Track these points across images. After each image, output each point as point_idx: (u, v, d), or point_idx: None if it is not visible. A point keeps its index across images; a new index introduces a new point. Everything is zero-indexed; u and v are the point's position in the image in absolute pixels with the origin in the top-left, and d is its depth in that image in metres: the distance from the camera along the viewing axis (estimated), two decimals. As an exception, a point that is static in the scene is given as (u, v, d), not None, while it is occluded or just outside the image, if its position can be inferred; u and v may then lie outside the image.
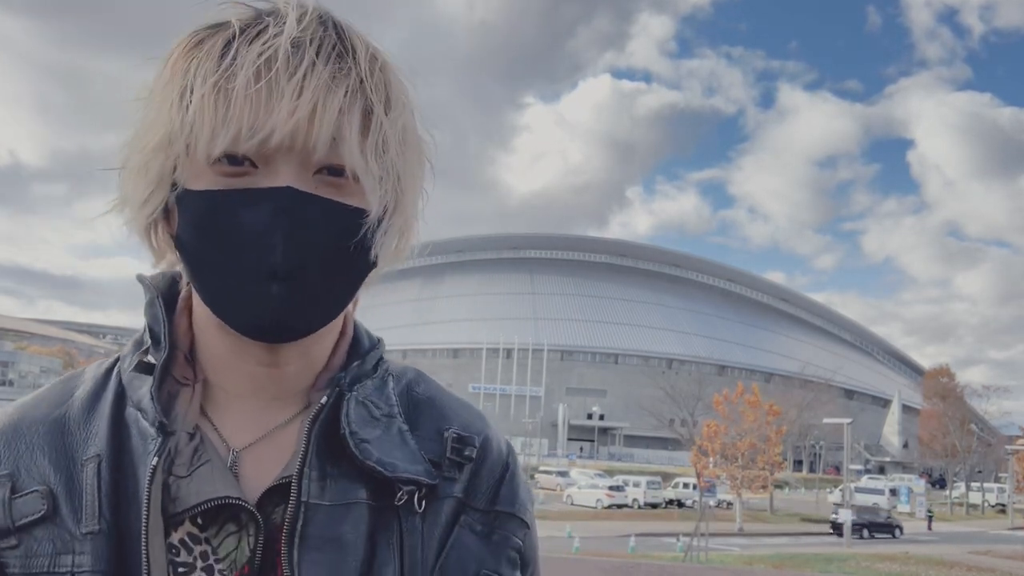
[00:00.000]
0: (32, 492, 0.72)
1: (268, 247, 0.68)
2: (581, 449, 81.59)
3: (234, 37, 0.69)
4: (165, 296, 0.80)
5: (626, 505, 38.84)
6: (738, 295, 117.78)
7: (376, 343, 0.85)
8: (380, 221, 0.73)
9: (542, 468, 50.39)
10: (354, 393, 0.78)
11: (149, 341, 0.78)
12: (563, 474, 47.19)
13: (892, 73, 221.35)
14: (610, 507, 37.24)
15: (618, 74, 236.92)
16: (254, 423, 0.78)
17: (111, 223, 0.77)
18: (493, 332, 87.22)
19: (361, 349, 0.83)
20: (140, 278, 0.81)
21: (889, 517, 36.72)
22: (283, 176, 0.68)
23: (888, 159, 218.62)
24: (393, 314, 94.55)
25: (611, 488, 39.15)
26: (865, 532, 33.83)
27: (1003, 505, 52.62)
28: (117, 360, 0.81)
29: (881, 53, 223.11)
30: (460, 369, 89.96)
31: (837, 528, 33.22)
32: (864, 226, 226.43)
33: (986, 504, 57.32)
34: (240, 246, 0.69)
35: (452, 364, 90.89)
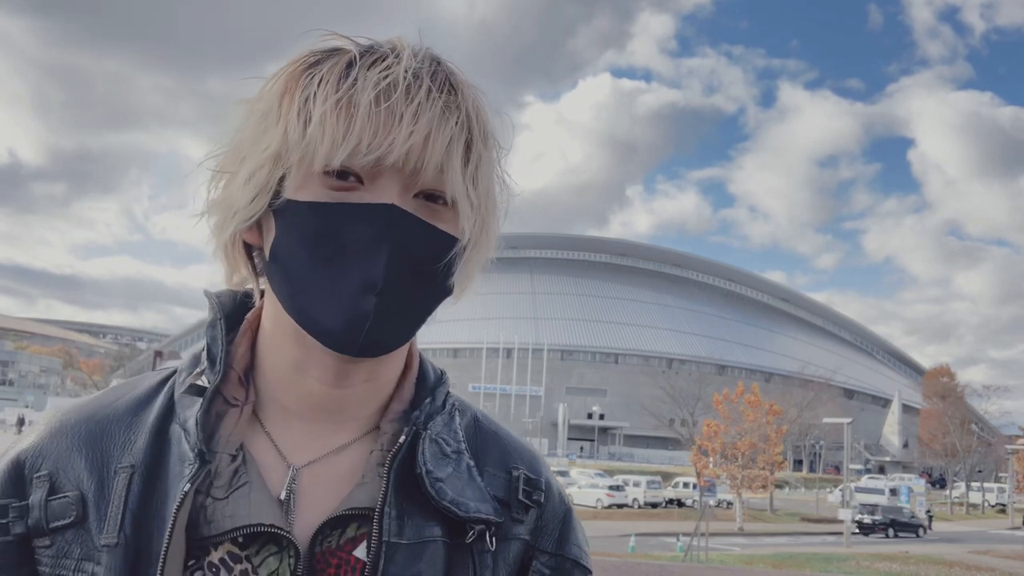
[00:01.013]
0: (65, 496, 0.73)
1: (372, 261, 0.70)
2: (581, 449, 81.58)
3: (353, 61, 0.72)
4: (229, 316, 0.82)
5: (626, 505, 38.77)
6: (738, 295, 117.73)
7: (442, 376, 0.87)
8: (464, 250, 0.76)
9: (542, 468, 50.28)
10: (428, 431, 0.80)
11: (205, 360, 0.79)
12: (563, 474, 47.06)
13: (893, 71, 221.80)
14: (610, 507, 37.17)
15: (618, 73, 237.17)
16: (313, 442, 0.79)
17: (198, 229, 0.77)
18: (493, 332, 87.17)
19: (428, 383, 0.84)
20: (208, 294, 0.83)
21: (913, 516, 37.27)
22: (388, 194, 0.71)
23: (889, 158, 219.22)
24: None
25: (611, 488, 39.08)
26: (890, 531, 34.45)
27: (1003, 505, 52.60)
28: (174, 372, 0.83)
29: (882, 51, 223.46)
30: (460, 369, 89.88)
31: (864, 528, 34.04)
32: (865, 225, 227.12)
33: (986, 504, 57.29)
34: (343, 258, 0.71)
35: (452, 364, 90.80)
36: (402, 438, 0.77)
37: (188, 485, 0.71)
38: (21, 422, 49.26)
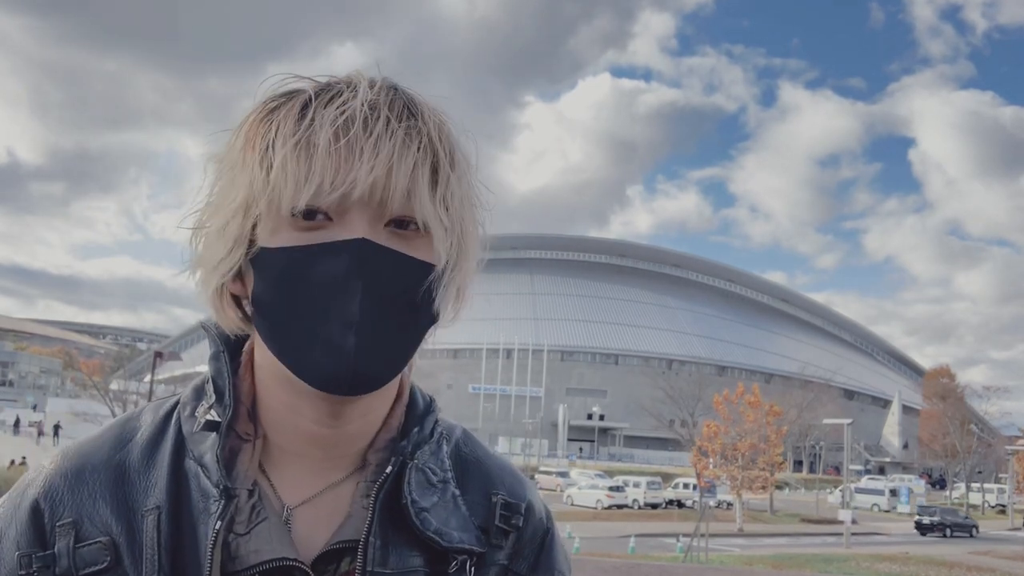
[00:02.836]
0: (96, 542, 0.73)
1: (346, 297, 0.70)
2: (581, 449, 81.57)
3: (309, 101, 0.73)
4: (231, 349, 0.82)
5: (626, 505, 38.79)
6: (738, 295, 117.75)
7: (431, 404, 0.88)
8: (443, 274, 0.76)
9: (542, 468, 50.37)
10: (415, 461, 0.80)
11: (212, 394, 0.80)
12: (563, 474, 47.15)
13: (894, 70, 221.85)
14: (610, 507, 37.19)
15: (618, 72, 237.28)
16: (308, 480, 0.79)
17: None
18: (493, 332, 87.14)
19: (417, 411, 0.85)
20: (205, 327, 0.83)
21: (967, 518, 38.33)
22: (358, 228, 0.71)
23: (890, 158, 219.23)
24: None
25: (611, 488, 39.10)
26: (948, 531, 35.51)
27: (1003, 505, 52.56)
28: (176, 404, 0.83)
29: (883, 51, 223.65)
30: (460, 369, 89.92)
31: (922, 528, 35.34)
32: (865, 225, 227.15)
33: (986, 504, 57.26)
34: (318, 297, 0.71)
35: (452, 364, 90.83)
36: (388, 468, 0.78)
37: (219, 523, 0.72)
38: (18, 423, 49.28)
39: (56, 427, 43.69)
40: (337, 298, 0.70)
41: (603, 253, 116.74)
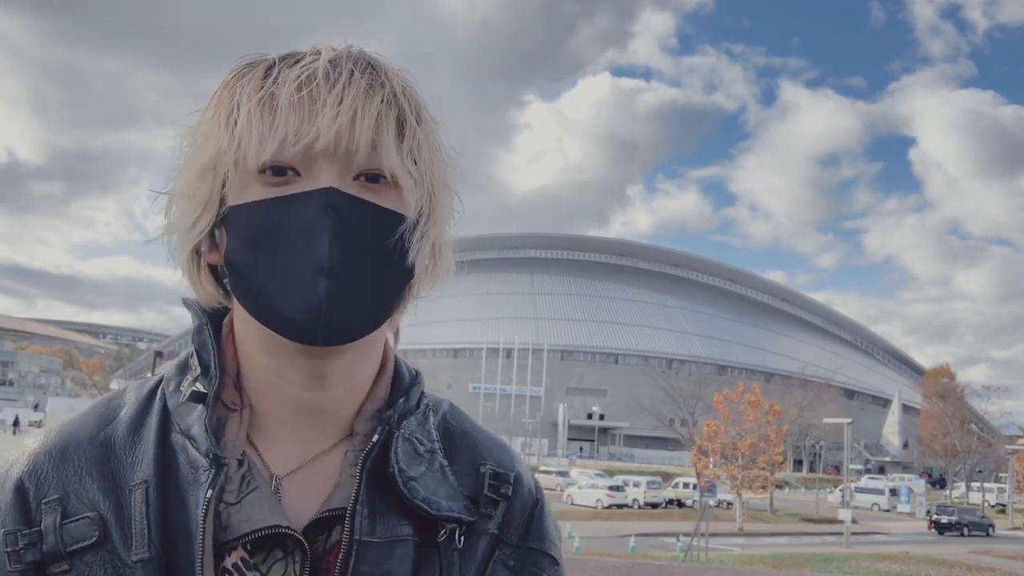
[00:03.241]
0: (83, 518, 0.73)
1: (316, 245, 0.71)
2: (581, 449, 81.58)
3: (274, 64, 0.75)
4: (213, 321, 0.82)
5: (626, 505, 38.76)
6: (738, 295, 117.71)
7: (416, 377, 0.88)
8: (416, 226, 0.76)
9: (542, 468, 50.26)
10: (401, 431, 0.81)
11: (197, 367, 0.80)
12: (563, 474, 47.12)
13: (895, 70, 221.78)
14: (610, 507, 37.16)
15: (618, 71, 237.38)
16: (296, 450, 0.79)
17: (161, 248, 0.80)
18: (493, 332, 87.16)
19: (403, 383, 0.85)
20: (187, 302, 0.83)
21: (983, 517, 38.91)
22: (324, 179, 0.72)
23: (890, 157, 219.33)
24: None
25: (611, 488, 39.08)
26: (965, 530, 36.07)
27: (1003, 505, 52.54)
28: (160, 381, 0.83)
29: (884, 50, 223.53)
30: (460, 369, 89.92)
31: (940, 527, 35.73)
32: (866, 224, 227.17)
33: (986, 504, 57.23)
34: (289, 247, 0.72)
35: (452, 364, 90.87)
36: (375, 437, 0.78)
37: (210, 491, 0.72)
38: (17, 423, 49.26)
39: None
40: (307, 246, 0.71)
41: (603, 252, 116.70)
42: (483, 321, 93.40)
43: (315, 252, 0.71)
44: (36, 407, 59.43)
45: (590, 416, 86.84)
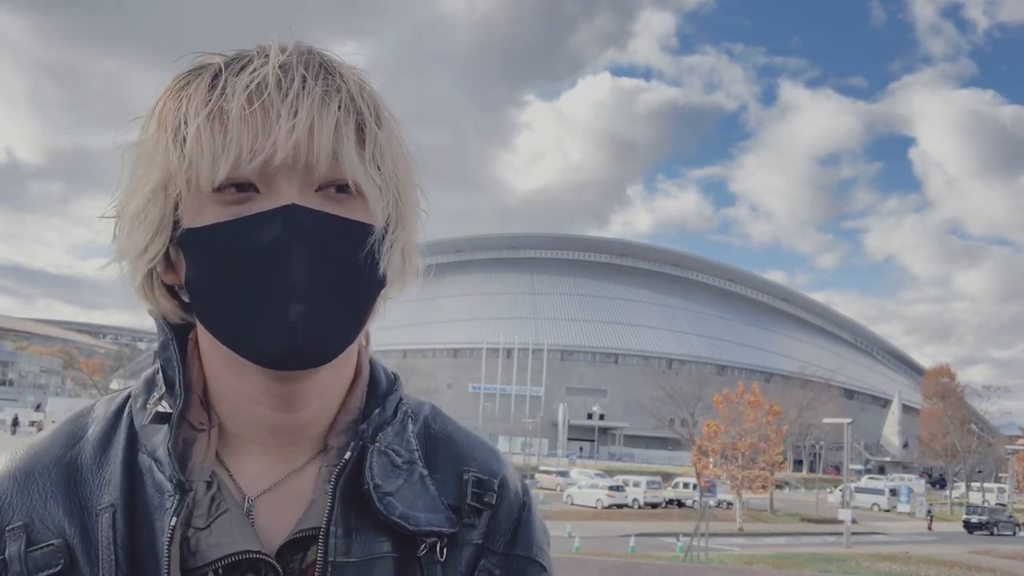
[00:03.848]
0: (48, 546, 0.71)
1: (282, 266, 0.67)
2: (581, 449, 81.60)
3: (219, 71, 0.70)
4: (180, 337, 0.78)
5: (626, 505, 38.79)
6: (738, 295, 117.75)
7: (394, 382, 0.84)
8: (384, 235, 0.73)
9: (542, 468, 50.33)
10: (377, 443, 0.77)
11: (162, 384, 0.76)
12: (563, 474, 47.17)
13: (895, 69, 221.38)
14: (610, 507, 37.17)
15: (618, 71, 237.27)
16: (268, 469, 0.76)
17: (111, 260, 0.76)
18: (493, 332, 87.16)
19: (379, 390, 0.82)
20: (152, 314, 0.79)
21: (1011, 517, 40.08)
22: (286, 195, 0.68)
23: (890, 157, 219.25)
24: (393, 314, 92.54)
25: (611, 488, 39.11)
26: (994, 530, 37.20)
27: (1003, 505, 52.60)
28: (128, 397, 0.80)
29: (884, 49, 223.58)
30: (460, 369, 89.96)
31: (970, 527, 36.77)
32: (866, 224, 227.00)
33: (986, 504, 57.31)
34: (254, 272, 0.68)
35: (452, 364, 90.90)
36: (347, 454, 0.75)
37: (174, 519, 0.69)
38: (16, 422, 49.28)
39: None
40: (273, 269, 0.67)
41: (603, 252, 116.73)
42: (483, 321, 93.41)
43: (282, 275, 0.67)
44: (38, 407, 59.40)
45: (590, 416, 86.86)
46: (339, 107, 0.69)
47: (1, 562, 0.71)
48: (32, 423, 50.80)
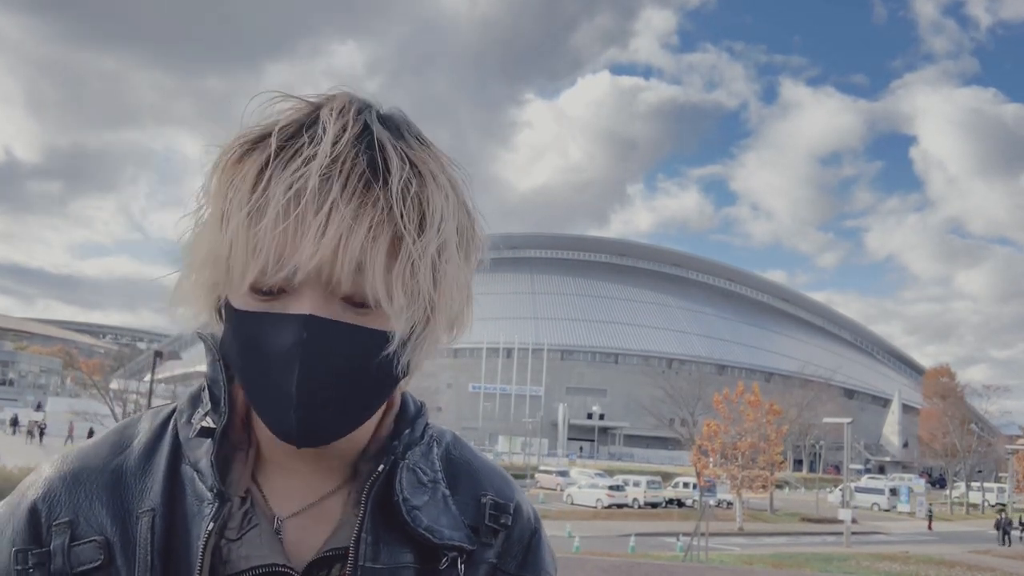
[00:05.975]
0: (90, 541, 0.75)
1: (289, 375, 0.71)
2: (581, 449, 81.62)
3: (269, 161, 0.71)
4: (225, 356, 0.83)
5: (626, 505, 38.75)
6: (738, 295, 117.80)
7: (421, 408, 0.90)
8: (408, 339, 0.75)
9: (542, 468, 50.29)
10: (406, 460, 0.82)
11: (208, 401, 0.82)
12: (563, 474, 47.11)
13: (897, 67, 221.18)
14: (610, 507, 37.13)
15: (618, 69, 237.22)
16: (299, 492, 0.81)
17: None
18: (493, 332, 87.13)
19: (408, 415, 0.87)
20: (202, 336, 0.83)
21: None
22: (307, 303, 0.71)
23: (891, 156, 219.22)
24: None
25: (611, 488, 39.06)
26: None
27: (1003, 504, 52.57)
28: (173, 411, 0.85)
29: (886, 47, 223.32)
30: (460, 369, 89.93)
31: (1000, 527, 35.15)
32: (866, 223, 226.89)
33: (986, 504, 57.26)
34: (266, 368, 0.73)
35: (452, 364, 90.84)
36: (380, 467, 0.79)
37: (212, 524, 0.74)
38: (15, 422, 49.22)
39: (41, 430, 43.63)
40: (281, 373, 0.71)
41: (603, 252, 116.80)
42: (483, 321, 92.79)
43: (287, 381, 0.71)
44: (38, 407, 59.35)
45: (590, 416, 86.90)
46: (370, 227, 0.69)
47: (46, 553, 0.75)
48: (32, 422, 50.78)
